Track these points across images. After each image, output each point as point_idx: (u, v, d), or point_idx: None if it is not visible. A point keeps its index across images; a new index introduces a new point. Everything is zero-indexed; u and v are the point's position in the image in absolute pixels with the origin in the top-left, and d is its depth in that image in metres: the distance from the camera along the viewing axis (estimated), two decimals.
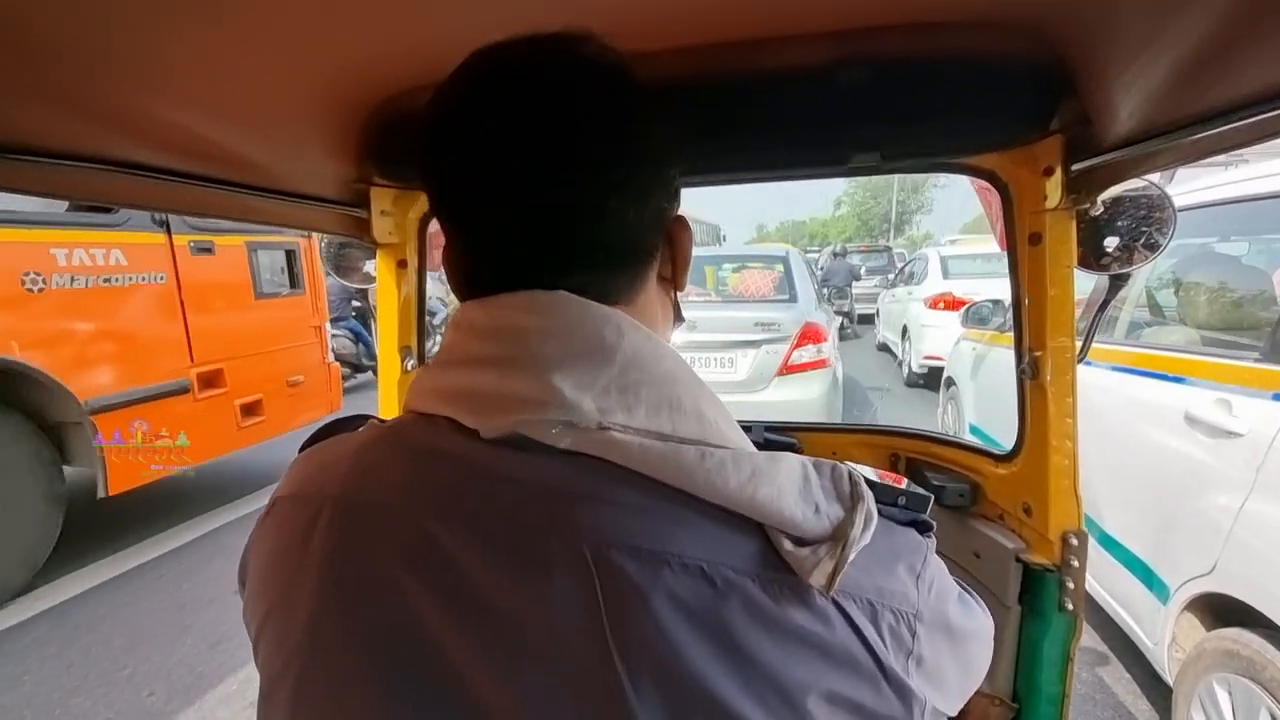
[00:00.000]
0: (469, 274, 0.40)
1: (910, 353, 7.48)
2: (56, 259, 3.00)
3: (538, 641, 0.31)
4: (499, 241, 0.38)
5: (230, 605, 2.88)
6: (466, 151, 0.37)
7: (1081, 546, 0.85)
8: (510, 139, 0.36)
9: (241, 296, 3.96)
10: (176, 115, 0.60)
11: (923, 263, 8.28)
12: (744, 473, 0.32)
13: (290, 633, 0.36)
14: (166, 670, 2.49)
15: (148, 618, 2.85)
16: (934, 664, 0.35)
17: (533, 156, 0.36)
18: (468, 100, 0.38)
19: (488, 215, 0.38)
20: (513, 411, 0.34)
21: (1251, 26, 0.43)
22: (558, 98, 0.36)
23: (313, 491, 0.39)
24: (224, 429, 3.79)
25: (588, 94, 0.37)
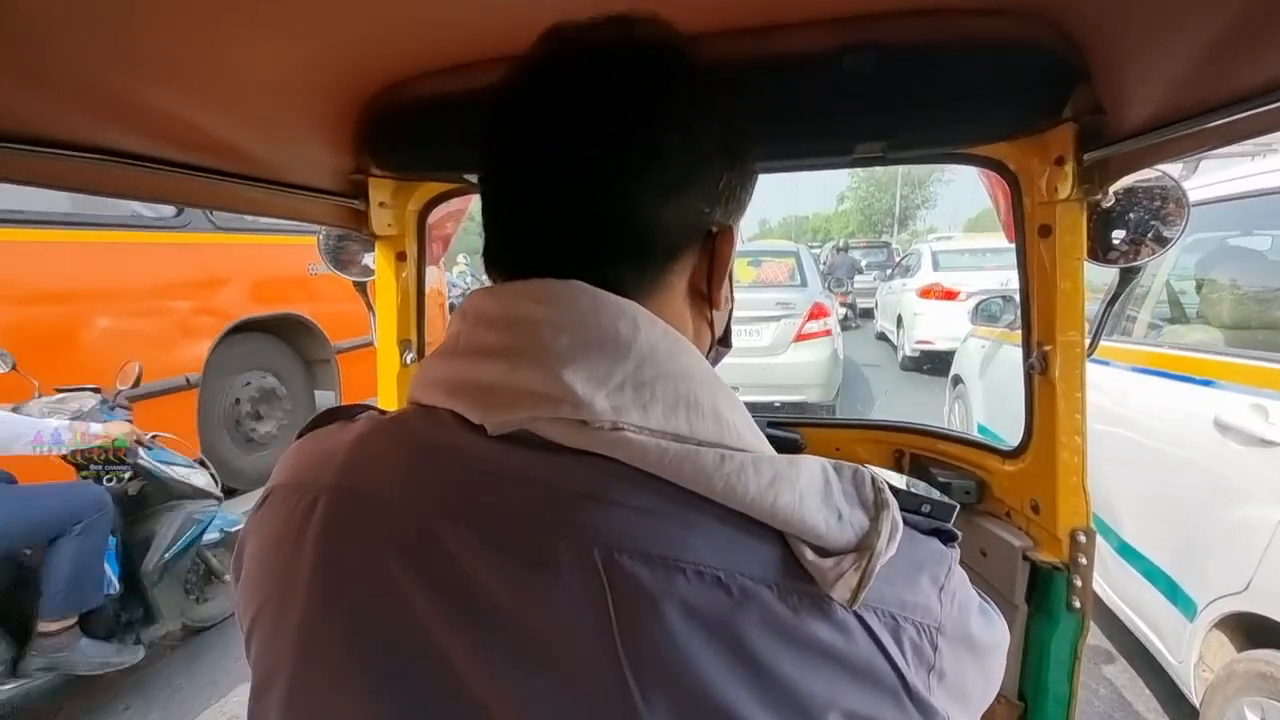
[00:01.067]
0: (491, 247, 0.40)
1: (904, 339, 8.08)
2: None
3: (543, 646, 0.30)
4: (510, 219, 0.38)
5: None
6: (504, 132, 0.38)
7: (1090, 544, 0.83)
8: (540, 119, 0.36)
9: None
10: (173, 105, 0.60)
11: (916, 257, 9.10)
12: (765, 478, 0.31)
13: (284, 629, 0.35)
14: None
15: None
16: (957, 679, 0.34)
17: (553, 135, 0.36)
18: (515, 80, 0.38)
19: (504, 193, 0.39)
20: (522, 407, 0.33)
21: (1260, 17, 0.42)
22: (590, 77, 0.36)
23: (308, 480, 0.38)
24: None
25: (621, 74, 0.36)
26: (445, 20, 0.57)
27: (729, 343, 0.46)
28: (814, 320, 5.03)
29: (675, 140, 0.36)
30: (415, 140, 0.76)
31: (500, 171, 0.39)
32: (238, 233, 4.02)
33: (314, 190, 0.87)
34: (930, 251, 8.63)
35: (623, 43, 0.37)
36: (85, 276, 3.25)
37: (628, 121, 0.35)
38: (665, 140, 0.36)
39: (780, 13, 0.59)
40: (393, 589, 0.32)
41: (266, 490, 0.41)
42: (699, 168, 0.38)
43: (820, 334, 5.04)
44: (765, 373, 4.95)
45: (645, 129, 0.35)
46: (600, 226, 0.36)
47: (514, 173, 0.38)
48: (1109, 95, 0.62)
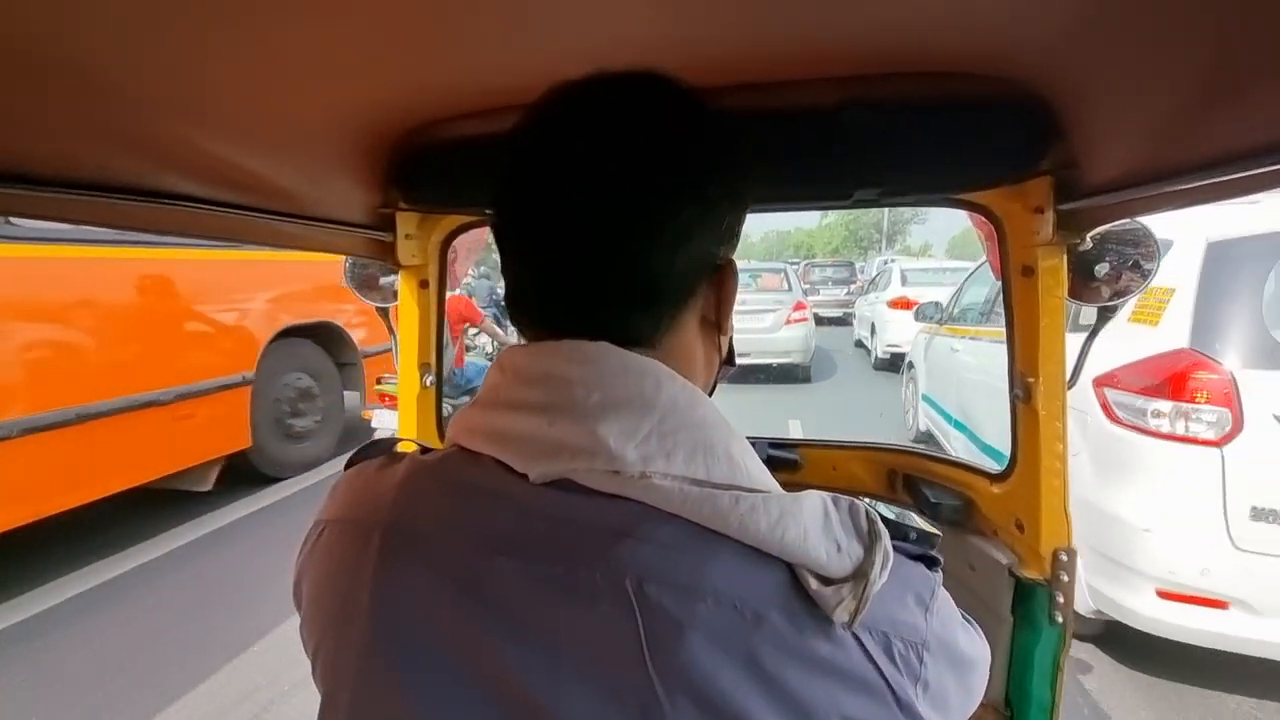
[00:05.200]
0: (515, 300, 0.43)
1: (877, 343, 9.54)
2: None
3: (585, 660, 0.34)
4: (534, 275, 0.41)
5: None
6: (522, 187, 0.41)
7: (1071, 562, 0.88)
8: (558, 177, 0.39)
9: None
10: (216, 147, 0.62)
11: (888, 274, 10.76)
12: (773, 515, 0.34)
13: (346, 655, 0.39)
14: None
15: None
16: (939, 689, 0.37)
17: (572, 193, 0.38)
18: (529, 132, 0.41)
19: (526, 249, 0.41)
20: (562, 459, 0.36)
21: (1226, 91, 0.46)
22: (607, 134, 0.38)
23: (363, 518, 0.41)
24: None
25: (637, 132, 0.39)
26: (467, 71, 0.60)
27: (733, 361, 0.49)
28: (796, 311, 8.25)
29: (689, 195, 0.39)
30: (441, 178, 0.81)
31: (520, 226, 0.42)
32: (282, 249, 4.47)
33: (346, 224, 0.91)
34: (899, 269, 10.54)
35: (638, 99, 0.40)
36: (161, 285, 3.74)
37: (645, 181, 0.38)
38: (680, 196, 0.39)
39: (784, 71, 0.63)
40: (446, 616, 0.36)
41: (320, 523, 0.44)
42: (709, 215, 0.40)
43: (801, 320, 8.28)
44: (767, 343, 8.04)
45: (661, 188, 0.38)
46: (620, 283, 0.39)
47: (535, 229, 0.41)
48: (1081, 153, 0.67)
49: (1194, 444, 2.05)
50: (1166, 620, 2.10)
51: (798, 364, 8.28)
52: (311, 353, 5.00)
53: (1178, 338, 2.16)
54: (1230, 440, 2.00)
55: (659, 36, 0.53)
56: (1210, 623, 2.04)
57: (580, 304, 0.40)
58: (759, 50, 0.58)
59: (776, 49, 0.58)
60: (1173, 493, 2.08)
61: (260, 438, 4.34)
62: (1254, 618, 1.98)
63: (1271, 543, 1.94)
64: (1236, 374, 2.02)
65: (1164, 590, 2.09)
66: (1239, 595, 1.99)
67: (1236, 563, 1.98)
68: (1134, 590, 2.15)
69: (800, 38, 0.56)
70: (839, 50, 0.59)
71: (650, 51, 0.49)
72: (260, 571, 3.41)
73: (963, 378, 4.18)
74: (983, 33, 0.55)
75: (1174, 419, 2.09)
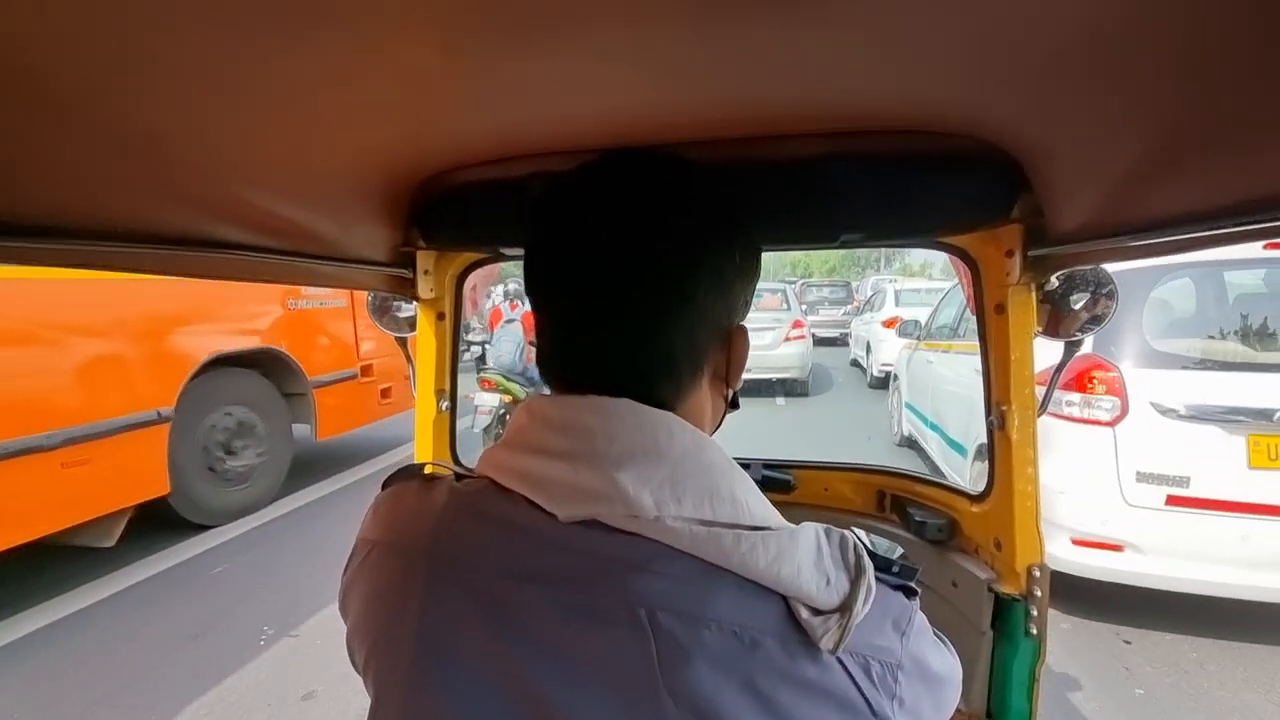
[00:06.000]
0: (547, 357, 0.53)
1: (872, 361, 10.72)
2: (301, 289, 5.18)
3: (604, 677, 0.41)
4: (569, 347, 0.51)
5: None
6: (552, 262, 0.51)
7: (1044, 578, 1.00)
8: (589, 256, 0.48)
9: None
10: (255, 198, 0.72)
11: (882, 295, 12.19)
12: (770, 553, 0.42)
13: (394, 668, 0.47)
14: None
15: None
16: (913, 705, 0.45)
17: (602, 274, 0.47)
18: (560, 210, 0.50)
19: (561, 321, 0.51)
20: (587, 504, 0.44)
21: (1175, 159, 0.55)
22: (636, 221, 0.47)
23: (408, 544, 0.50)
24: (372, 405, 5.92)
25: (664, 220, 0.47)
26: (480, 126, 0.68)
27: (737, 405, 0.58)
28: (795, 329, 9.69)
29: (708, 279, 0.49)
30: (457, 219, 0.91)
31: (552, 303, 0.52)
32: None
33: (369, 263, 1.02)
34: (893, 290, 12.04)
35: (664, 186, 0.50)
36: (59, 311, 3.40)
37: (669, 272, 0.48)
38: (700, 281, 0.49)
39: (773, 126, 0.72)
40: (481, 636, 0.44)
41: (368, 543, 0.53)
42: (725, 292, 0.51)
43: (799, 338, 9.71)
44: (766, 360, 9.30)
45: (684, 277, 0.48)
46: (644, 359, 0.49)
47: (566, 308, 0.51)
48: (1046, 205, 0.78)
49: (1094, 425, 2.97)
50: (1078, 561, 2.98)
51: (796, 379, 9.66)
52: (251, 384, 4.85)
53: (1084, 345, 2.99)
54: (1119, 421, 2.93)
55: (658, 97, 0.60)
56: (1110, 562, 2.93)
57: (607, 374, 0.49)
58: (751, 109, 0.66)
59: (766, 109, 0.66)
60: (1080, 462, 2.98)
61: (183, 482, 4.14)
62: (1141, 556, 2.88)
63: (1152, 498, 2.84)
64: (1125, 372, 2.96)
65: (1076, 538, 2.98)
66: (1130, 540, 2.88)
67: (1128, 515, 2.86)
68: (1053, 540, 3.05)
69: (788, 99, 0.64)
70: (825, 110, 0.67)
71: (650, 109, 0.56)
72: (138, 661, 2.95)
73: (937, 386, 5.23)
74: (955, 98, 0.63)
75: (1081, 406, 3.01)
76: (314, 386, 5.18)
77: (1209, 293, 3.15)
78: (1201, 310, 3.16)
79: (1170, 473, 2.76)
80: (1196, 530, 2.72)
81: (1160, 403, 2.82)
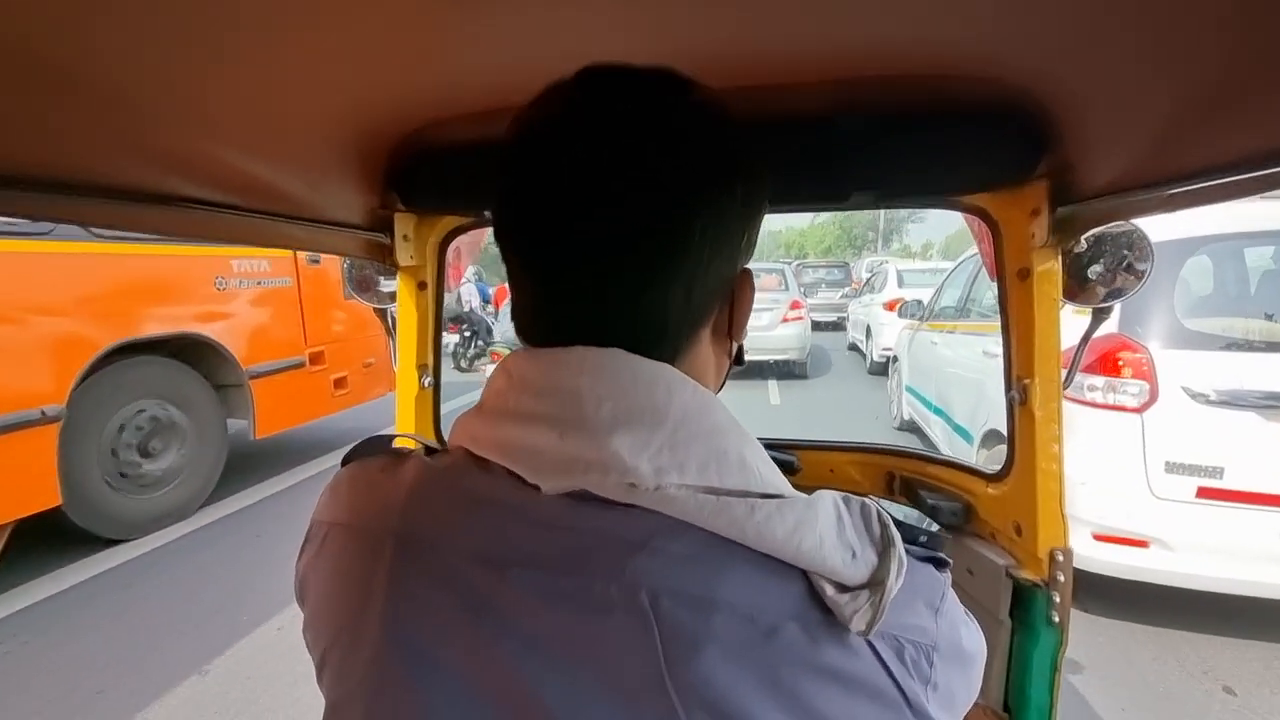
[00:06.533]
0: (522, 315, 0.47)
1: (872, 346, 10.50)
2: (232, 267, 4.84)
3: (601, 673, 0.38)
4: (545, 301, 0.45)
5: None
6: (522, 202, 0.44)
7: (1067, 563, 0.96)
8: (563, 193, 0.41)
9: (335, 297, 5.75)
10: (222, 153, 0.70)
11: (883, 276, 11.90)
12: (789, 523, 0.38)
13: (356, 663, 0.43)
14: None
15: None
16: (947, 689, 0.41)
17: (578, 215, 0.41)
18: (529, 141, 0.43)
19: (536, 269, 0.44)
20: (575, 473, 0.40)
21: (1224, 97, 0.52)
22: (618, 149, 0.41)
23: (373, 526, 0.45)
24: (323, 397, 5.55)
25: (651, 149, 0.41)
26: (462, 73, 0.65)
27: (742, 361, 0.55)
28: (793, 309, 9.75)
29: (707, 222, 0.43)
30: (439, 180, 0.89)
31: (524, 251, 0.45)
32: (122, 242, 3.84)
33: (343, 225, 0.99)
34: (895, 270, 11.61)
35: (652, 107, 0.42)
36: None
37: (661, 210, 0.41)
38: (696, 225, 0.42)
39: (782, 75, 0.68)
40: (460, 629, 0.40)
41: (324, 525, 0.49)
42: (725, 237, 0.45)
43: (797, 318, 9.76)
44: (764, 341, 9.39)
45: (679, 218, 0.41)
46: (634, 319, 0.43)
47: (540, 256, 0.44)
48: (1078, 157, 0.74)
49: (1120, 411, 2.78)
50: (1100, 558, 2.82)
51: (794, 360, 9.84)
52: (170, 375, 4.43)
53: (1110, 324, 2.71)
54: (1149, 408, 2.74)
55: (656, 39, 0.57)
56: (1135, 559, 2.77)
57: (591, 333, 0.43)
58: (757, 55, 0.64)
59: (774, 54, 0.64)
60: (1103, 452, 2.80)
61: (84, 491, 3.74)
62: (1169, 553, 2.72)
63: (1182, 491, 2.68)
64: (1155, 353, 2.76)
65: (1098, 533, 2.81)
66: (1157, 535, 2.71)
67: (1155, 508, 2.70)
68: (1073, 535, 2.63)
69: (798, 43, 0.61)
70: (837, 55, 0.64)
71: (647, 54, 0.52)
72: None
73: (941, 369, 5.11)
74: (981, 40, 0.60)
75: (1105, 391, 2.83)
76: (251, 377, 4.77)
77: (1246, 268, 2.99)
78: (1239, 286, 2.99)
79: (1202, 463, 2.59)
80: (1230, 525, 2.57)
81: (1192, 387, 2.65)
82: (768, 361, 9.57)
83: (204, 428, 4.55)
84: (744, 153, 0.46)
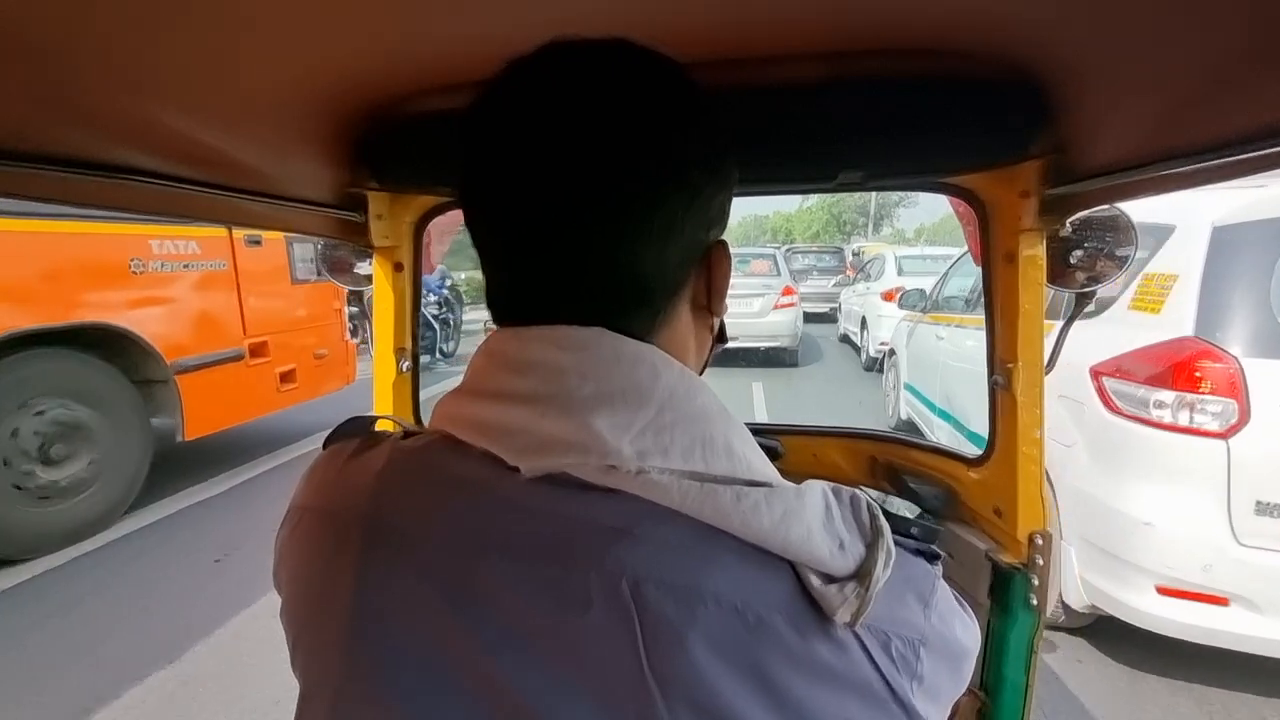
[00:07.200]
0: (496, 295, 0.46)
1: (868, 340, 9.59)
2: (152, 248, 4.20)
3: (578, 666, 0.36)
4: (514, 273, 0.44)
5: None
6: (486, 173, 0.43)
7: (1046, 546, 0.98)
8: (528, 162, 0.40)
9: (281, 282, 5.18)
10: (174, 121, 0.65)
11: (880, 262, 10.82)
12: (776, 513, 0.37)
13: (325, 650, 0.42)
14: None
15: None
16: (933, 682, 0.41)
17: (545, 181, 0.40)
18: (492, 114, 0.42)
19: (503, 242, 0.44)
20: (554, 453, 0.39)
21: (1232, 73, 0.51)
22: (581, 117, 0.40)
23: (341, 510, 0.44)
24: (267, 392, 4.96)
25: (614, 114, 0.40)
26: (437, 42, 0.63)
27: (725, 339, 0.54)
28: (785, 296, 9.41)
29: (674, 183, 0.41)
30: (412, 155, 0.84)
31: (491, 223, 0.44)
32: (8, 217, 3.32)
33: (313, 204, 0.96)
34: (894, 257, 10.57)
35: (612, 75, 0.41)
36: None
37: (626, 171, 0.40)
38: (665, 185, 0.41)
39: (765, 46, 0.66)
40: (433, 618, 0.39)
41: (297, 510, 0.48)
42: (696, 200, 0.43)
43: (789, 305, 9.47)
44: (756, 328, 9.08)
45: (646, 178, 0.40)
46: (609, 285, 0.42)
47: (508, 226, 0.42)
48: (1073, 136, 0.73)
49: (1198, 435, 2.23)
50: (1167, 617, 2.29)
51: (785, 348, 9.53)
52: (77, 371, 3.90)
53: (1182, 325, 2.40)
54: (1236, 432, 2.19)
55: (634, 8, 0.56)
56: (1212, 620, 2.22)
57: (566, 306, 0.42)
58: (740, 24, 0.61)
59: (757, 23, 0.61)
60: (1175, 486, 2.26)
61: None
62: (1256, 615, 2.19)
63: (1276, 538, 2.15)
64: (1243, 363, 2.20)
65: (1164, 586, 2.28)
66: (1241, 592, 2.19)
67: (1239, 558, 2.17)
68: (1133, 586, 2.37)
69: (782, 11, 0.59)
70: (823, 25, 0.62)
71: (627, 20, 0.52)
72: None
73: (948, 366, 4.58)
74: (976, 8, 0.58)
75: (1176, 409, 2.28)
76: (177, 372, 4.20)
77: None
78: None
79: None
80: None
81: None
82: (756, 351, 9.11)
83: (122, 429, 4.01)
84: (706, 115, 0.44)
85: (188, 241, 4.28)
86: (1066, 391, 2.62)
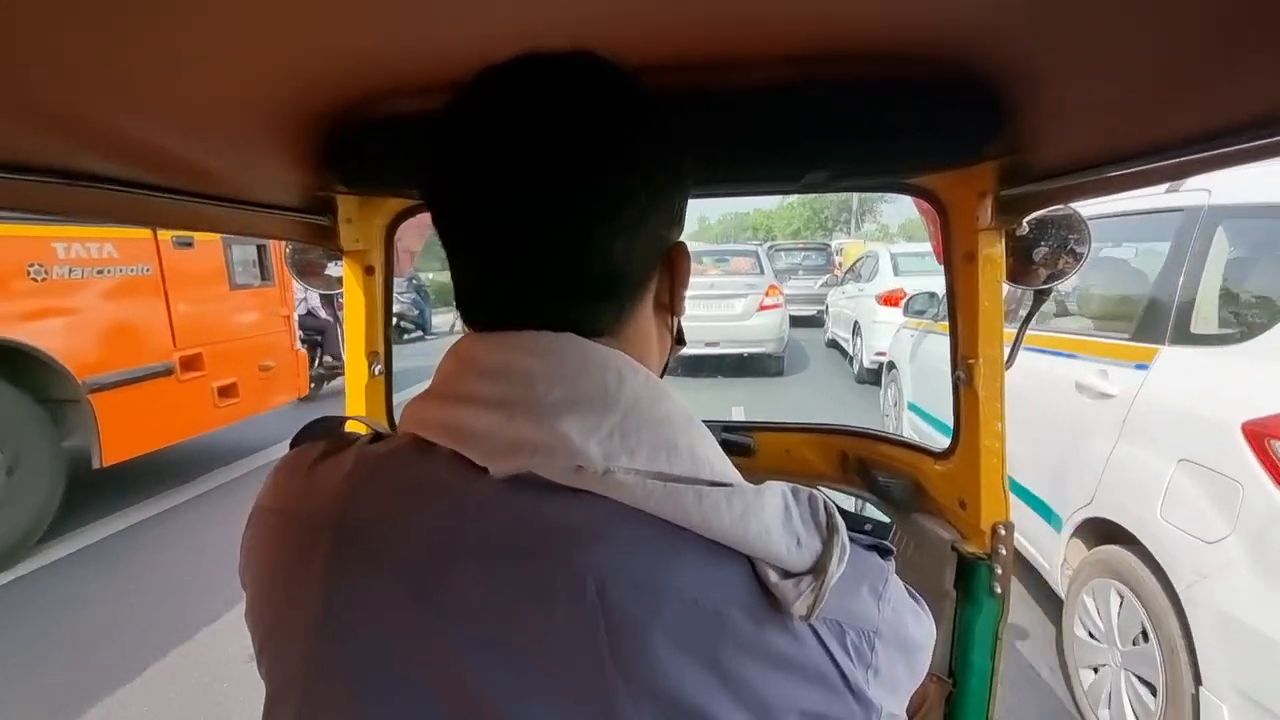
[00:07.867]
0: (466, 296, 0.46)
1: (862, 349, 8.41)
2: (57, 252, 3.65)
3: (544, 663, 0.37)
4: (481, 273, 0.45)
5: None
6: (458, 176, 0.43)
7: (1008, 536, 1.01)
8: (499, 164, 0.41)
9: (218, 287, 4.65)
10: (132, 124, 0.63)
11: (873, 260, 9.43)
12: (736, 511, 0.38)
13: (292, 654, 0.43)
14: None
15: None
16: (889, 674, 0.42)
17: (517, 182, 0.41)
18: (462, 121, 0.43)
19: (470, 243, 0.44)
20: (523, 455, 0.40)
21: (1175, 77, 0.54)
22: (549, 121, 0.41)
23: (308, 514, 0.45)
24: (202, 409, 4.46)
25: (580, 118, 0.41)
26: (410, 42, 0.61)
27: (684, 340, 0.56)
28: (770, 296, 8.49)
29: (638, 181, 0.43)
30: (381, 158, 0.82)
31: (463, 223, 0.44)
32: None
33: (281, 208, 0.95)
34: (890, 255, 9.00)
35: (576, 83, 0.42)
36: None
37: (594, 169, 0.41)
38: (630, 182, 0.42)
39: (727, 50, 0.67)
40: (401, 621, 0.39)
41: (261, 513, 0.48)
42: (658, 199, 0.45)
43: (774, 306, 8.52)
44: (738, 332, 8.25)
45: (612, 175, 0.42)
46: (578, 277, 0.43)
47: (480, 226, 0.43)
48: (1025, 139, 0.75)
49: None
50: None
51: (770, 355, 8.66)
52: None
53: None
54: None
55: (603, 8, 0.57)
56: None
57: (537, 302, 0.44)
58: (703, 27, 0.62)
59: (721, 27, 0.62)
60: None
61: None
62: None
63: None
64: None
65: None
66: None
67: None
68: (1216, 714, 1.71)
69: (744, 16, 0.59)
70: (785, 29, 0.63)
71: (594, 25, 0.57)
72: None
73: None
74: (932, 16, 0.59)
75: None
76: (91, 390, 3.71)
77: None
78: None
79: None
80: None
81: None
82: (738, 359, 8.28)
83: (25, 455, 3.52)
84: (664, 119, 0.46)
85: (102, 244, 3.75)
86: (1197, 456, 1.86)
